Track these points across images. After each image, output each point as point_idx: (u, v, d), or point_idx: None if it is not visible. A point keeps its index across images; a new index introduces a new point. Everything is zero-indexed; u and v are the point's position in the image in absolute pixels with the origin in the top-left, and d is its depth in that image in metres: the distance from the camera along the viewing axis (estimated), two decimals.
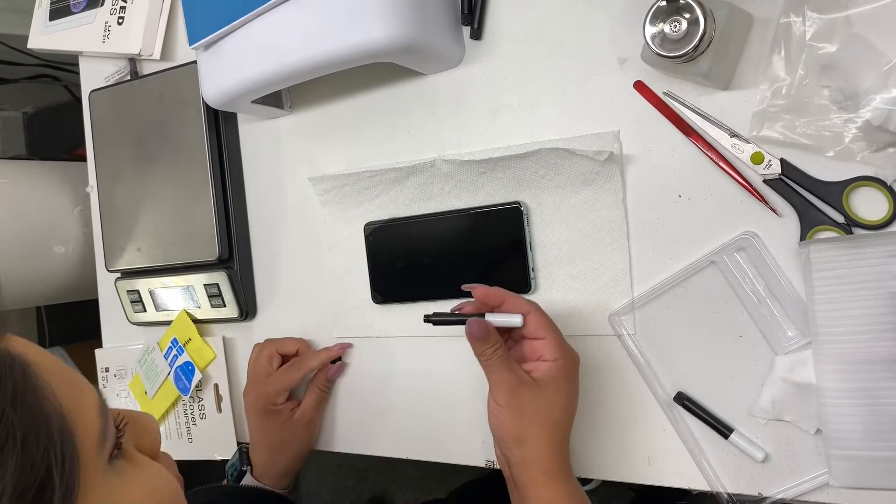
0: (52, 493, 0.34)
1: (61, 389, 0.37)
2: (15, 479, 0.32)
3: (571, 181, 0.69)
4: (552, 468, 0.59)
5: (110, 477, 0.40)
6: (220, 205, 0.87)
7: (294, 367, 0.83)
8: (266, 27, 0.70)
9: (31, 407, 0.35)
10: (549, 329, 0.61)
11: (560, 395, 0.60)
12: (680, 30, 0.55)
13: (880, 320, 0.56)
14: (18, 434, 0.33)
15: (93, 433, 0.38)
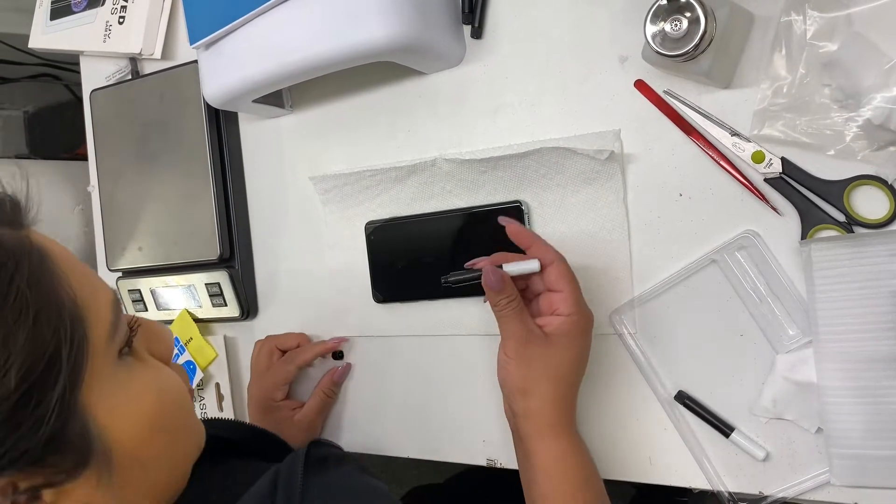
0: (59, 370, 0.37)
1: (77, 280, 0.41)
2: (25, 352, 0.36)
3: (572, 180, 0.69)
4: (556, 422, 0.59)
5: (119, 369, 0.43)
6: (221, 204, 0.87)
7: (288, 360, 0.83)
8: (267, 26, 0.70)
9: (46, 289, 0.38)
10: (569, 282, 0.60)
11: (569, 351, 0.59)
12: (681, 29, 0.55)
13: (881, 319, 0.56)
14: (31, 311, 0.36)
15: (104, 324, 0.42)
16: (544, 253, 0.60)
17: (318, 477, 0.55)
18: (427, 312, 0.78)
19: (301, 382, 0.88)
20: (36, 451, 0.37)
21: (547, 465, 0.59)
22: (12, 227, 0.41)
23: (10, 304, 0.36)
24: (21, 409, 0.36)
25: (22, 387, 0.35)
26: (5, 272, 0.37)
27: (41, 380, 0.36)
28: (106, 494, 0.41)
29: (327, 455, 0.59)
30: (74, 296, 0.40)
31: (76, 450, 0.39)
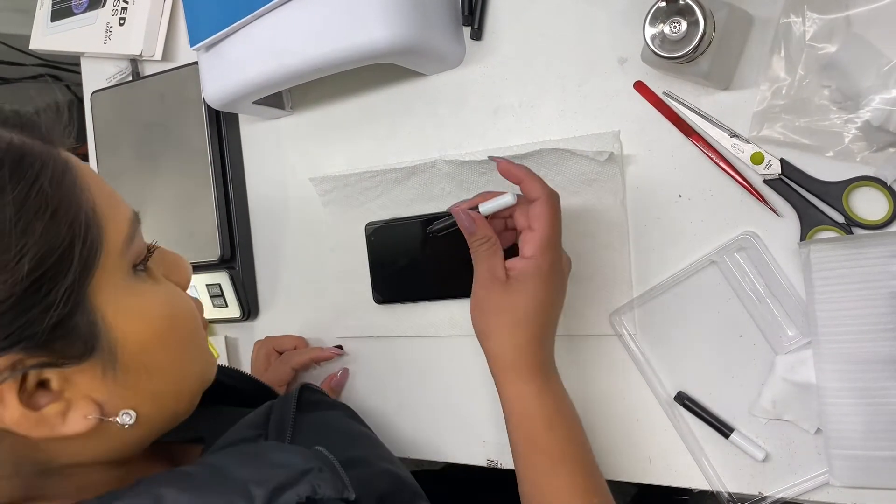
0: (70, 264, 0.40)
1: (99, 193, 0.44)
2: (40, 242, 0.39)
3: (572, 181, 0.69)
4: (516, 366, 0.58)
5: (133, 280, 0.46)
6: (221, 205, 0.87)
7: (283, 362, 0.84)
8: (267, 28, 0.70)
9: (67, 192, 0.42)
10: (544, 222, 0.57)
11: (526, 296, 0.58)
12: (680, 30, 0.55)
13: (880, 320, 0.56)
14: (51, 206, 0.40)
15: (120, 234, 0.45)
16: (532, 188, 0.58)
17: (310, 415, 0.57)
18: (427, 313, 0.78)
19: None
20: (44, 334, 0.39)
21: (510, 407, 0.59)
22: (44, 141, 0.44)
23: (33, 197, 0.39)
24: (32, 293, 0.39)
25: (35, 273, 0.39)
26: (32, 170, 0.40)
27: (52, 270, 0.39)
28: (111, 392, 0.44)
29: (319, 400, 0.62)
30: (94, 203, 0.43)
31: (82, 339, 0.42)
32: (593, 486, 0.58)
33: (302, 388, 0.61)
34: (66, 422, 0.42)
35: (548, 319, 0.59)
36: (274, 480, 0.42)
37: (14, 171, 0.40)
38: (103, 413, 0.44)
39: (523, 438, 0.58)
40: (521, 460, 0.59)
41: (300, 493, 0.42)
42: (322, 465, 0.45)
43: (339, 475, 0.45)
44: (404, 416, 0.81)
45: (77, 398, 0.43)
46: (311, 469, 0.44)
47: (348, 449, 0.54)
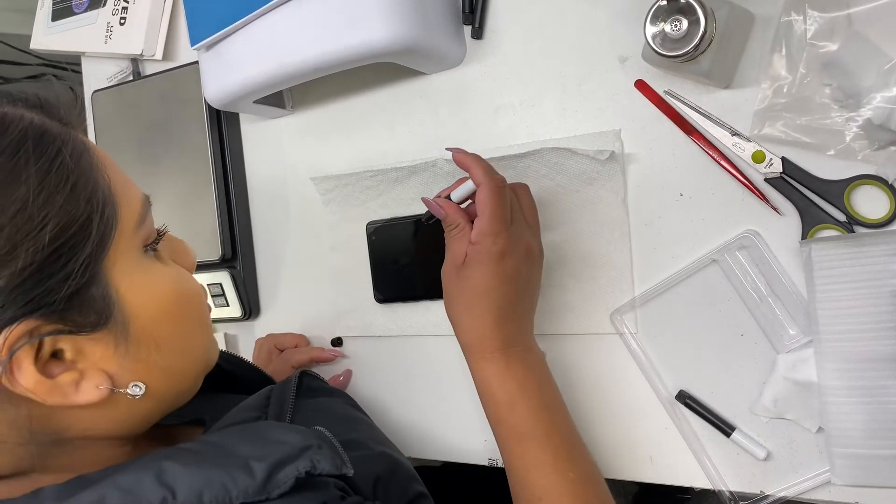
0: (88, 236, 0.42)
1: (114, 174, 0.46)
2: (62, 213, 0.41)
3: (573, 180, 0.69)
4: (477, 348, 0.60)
5: (144, 259, 0.48)
6: (222, 204, 0.87)
7: (284, 360, 0.84)
8: (267, 28, 0.70)
9: (86, 167, 0.44)
10: (486, 207, 0.59)
11: (474, 280, 0.59)
12: (681, 29, 0.55)
13: (882, 318, 0.56)
14: (71, 180, 0.42)
15: (133, 214, 0.47)
16: (475, 175, 0.60)
17: (309, 400, 0.59)
18: (428, 312, 0.78)
19: None
20: (61, 303, 0.41)
21: (478, 389, 0.61)
22: (62, 123, 0.46)
23: (55, 171, 0.41)
24: (52, 262, 0.40)
25: (55, 243, 0.40)
26: (52, 147, 0.42)
27: (72, 240, 0.41)
28: (122, 364, 0.46)
29: (318, 387, 0.63)
30: (109, 182, 0.45)
31: (97, 310, 0.43)
32: (566, 460, 0.58)
33: (302, 374, 0.63)
34: (78, 391, 0.44)
35: (504, 301, 0.60)
36: (274, 456, 0.43)
37: (37, 146, 0.42)
38: (114, 384, 0.45)
39: (491, 418, 0.61)
40: (496, 439, 0.61)
41: (299, 468, 0.43)
42: (321, 443, 0.46)
43: (337, 452, 0.46)
44: (405, 415, 0.81)
45: (90, 368, 0.44)
46: (311, 446, 0.45)
47: (346, 432, 0.55)
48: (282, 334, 0.88)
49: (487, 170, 0.60)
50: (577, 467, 0.58)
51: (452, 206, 0.61)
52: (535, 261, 0.62)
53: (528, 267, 0.61)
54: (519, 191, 0.64)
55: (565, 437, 0.60)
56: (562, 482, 0.57)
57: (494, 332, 0.60)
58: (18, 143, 0.41)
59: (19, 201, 0.40)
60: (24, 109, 0.44)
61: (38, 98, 0.47)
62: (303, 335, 0.87)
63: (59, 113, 0.46)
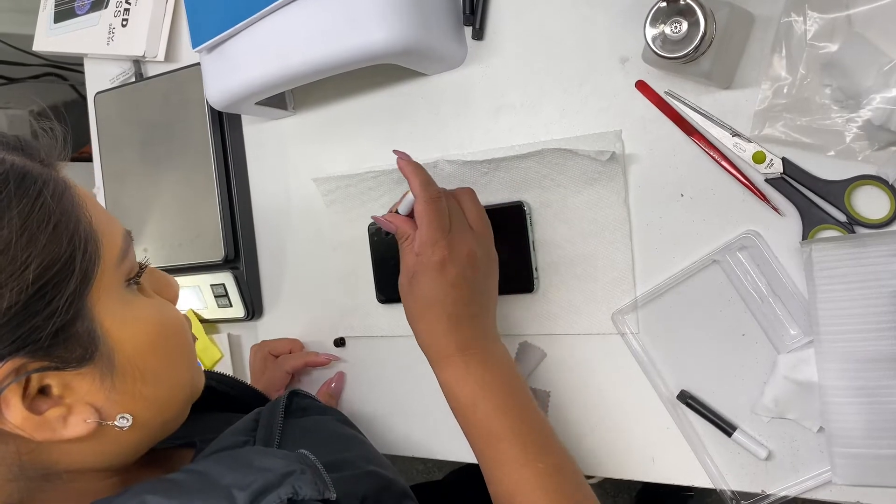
0: (72, 274, 0.43)
1: (95, 211, 0.47)
2: (44, 253, 0.42)
3: (574, 181, 0.69)
4: (435, 355, 0.62)
5: (127, 293, 0.49)
6: (225, 205, 0.88)
7: (278, 366, 0.85)
8: (268, 30, 0.70)
9: (67, 206, 0.45)
10: (423, 222, 0.62)
11: (420, 289, 0.62)
12: (680, 31, 0.55)
13: (882, 319, 0.56)
14: (53, 220, 0.43)
15: (115, 249, 0.48)
16: (412, 187, 0.63)
17: (299, 420, 0.60)
18: None
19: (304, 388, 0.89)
20: (46, 339, 0.42)
21: (444, 393, 0.63)
22: (43, 164, 0.47)
23: (36, 211, 0.42)
24: (36, 301, 0.41)
25: (39, 282, 0.41)
26: (34, 186, 0.43)
27: (55, 278, 0.42)
28: (109, 397, 0.46)
29: (309, 405, 0.64)
30: (91, 219, 0.46)
31: (82, 346, 0.44)
32: (535, 453, 0.59)
33: (291, 394, 0.63)
34: (67, 425, 0.44)
35: (453, 307, 0.62)
36: (256, 484, 0.44)
37: (18, 187, 0.42)
38: (102, 417, 0.46)
39: (460, 421, 0.62)
40: (468, 442, 0.62)
41: (281, 496, 0.43)
42: (304, 467, 0.46)
43: (320, 476, 0.46)
44: (407, 415, 0.82)
45: (77, 403, 0.45)
46: (294, 471, 0.45)
47: (334, 452, 0.56)
48: (275, 340, 0.88)
49: (424, 182, 0.63)
50: (546, 458, 0.59)
51: (400, 219, 0.64)
52: (478, 264, 0.63)
53: (473, 271, 0.62)
54: (462, 197, 0.66)
55: (533, 431, 0.60)
56: (532, 475, 0.57)
57: (448, 337, 0.62)
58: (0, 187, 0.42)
59: (2, 243, 0.40)
60: (4, 152, 0.45)
61: (19, 140, 0.47)
62: (297, 340, 0.88)
63: (40, 154, 0.47)
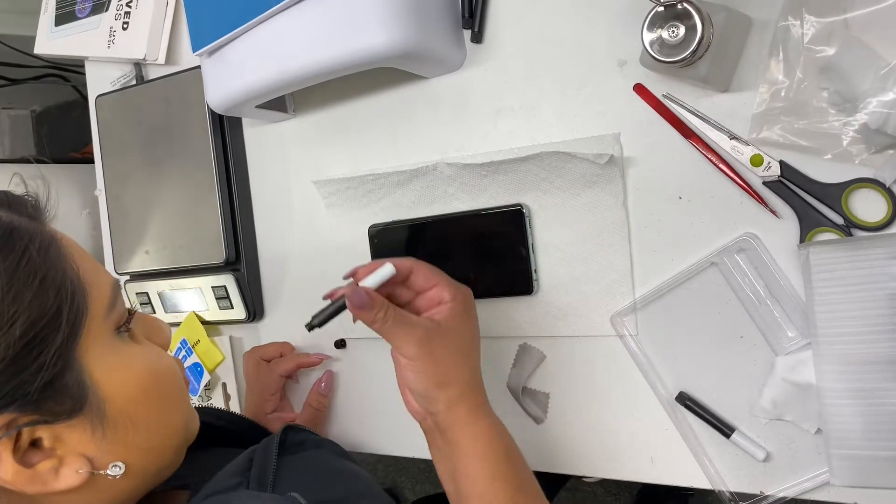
0: (59, 327, 0.43)
1: (83, 263, 0.47)
2: (31, 308, 0.42)
3: (573, 184, 0.69)
4: (477, 402, 0.61)
5: (117, 341, 0.49)
6: (226, 208, 0.88)
7: (269, 370, 0.85)
8: (268, 34, 0.70)
9: (54, 260, 0.45)
10: (438, 274, 0.62)
11: (465, 330, 0.61)
12: (678, 35, 0.56)
13: (879, 321, 0.56)
14: (39, 275, 0.43)
15: (103, 299, 0.48)
16: (401, 262, 0.61)
17: (293, 457, 0.59)
18: None
19: (300, 391, 0.90)
20: (35, 393, 0.42)
21: (476, 448, 0.58)
22: (30, 219, 0.47)
23: (23, 267, 0.42)
24: (24, 355, 0.41)
25: (26, 337, 0.41)
26: (21, 242, 0.43)
27: (43, 333, 0.42)
28: (100, 447, 0.46)
29: (304, 440, 0.62)
30: (78, 271, 0.46)
31: (72, 397, 0.44)
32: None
33: (285, 430, 0.62)
34: (58, 477, 0.45)
35: (479, 348, 0.63)
36: None
37: (4, 244, 0.43)
38: (94, 467, 0.46)
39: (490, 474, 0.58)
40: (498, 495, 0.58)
41: None
42: None
43: None
44: (409, 416, 0.82)
45: (68, 454, 0.45)
46: None
47: (328, 488, 0.56)
48: (266, 345, 0.88)
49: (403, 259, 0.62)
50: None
51: (375, 293, 0.58)
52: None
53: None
54: None
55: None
56: None
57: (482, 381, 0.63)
58: None
59: None
60: None
61: (6, 196, 0.48)
62: (287, 343, 0.88)
63: (27, 209, 0.48)
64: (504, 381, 0.75)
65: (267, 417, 0.84)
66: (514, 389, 0.74)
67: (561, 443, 0.73)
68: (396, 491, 1.94)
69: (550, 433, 0.73)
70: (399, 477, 1.96)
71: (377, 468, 1.99)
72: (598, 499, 1.68)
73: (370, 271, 0.60)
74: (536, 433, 0.74)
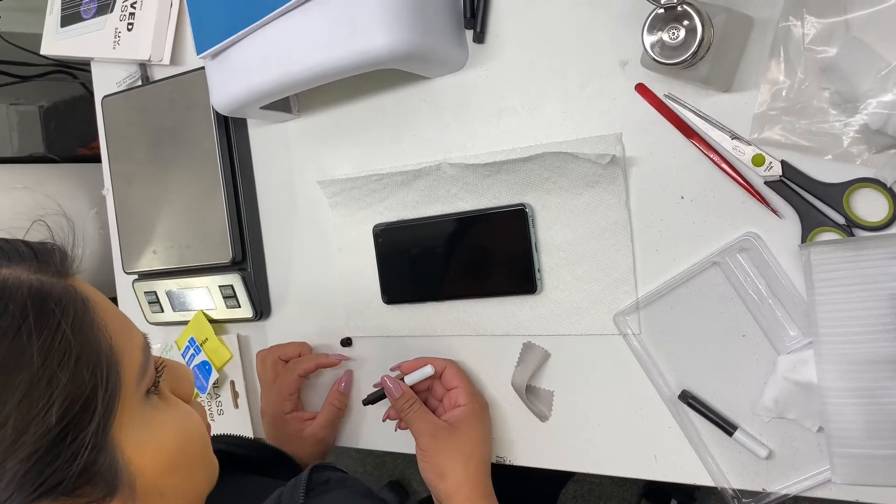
0: (94, 409, 0.40)
1: (113, 326, 0.44)
2: (66, 392, 0.39)
3: (575, 183, 0.69)
4: (474, 495, 0.68)
5: (146, 409, 0.46)
6: (232, 207, 0.89)
7: (290, 370, 0.85)
8: (271, 36, 0.71)
9: (87, 335, 0.41)
10: (462, 379, 0.74)
11: (471, 433, 0.71)
12: (678, 37, 0.56)
13: (880, 321, 0.56)
14: (74, 355, 0.40)
15: (135, 366, 0.45)
16: (437, 361, 0.75)
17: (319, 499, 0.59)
18: (435, 313, 0.80)
19: (312, 391, 0.90)
20: (70, 481, 0.39)
21: None
22: (59, 276, 0.44)
23: (56, 347, 0.39)
24: (59, 443, 0.39)
25: (61, 423, 0.38)
26: (53, 318, 0.40)
27: (78, 418, 0.39)
28: None
29: (329, 478, 0.62)
30: (111, 341, 0.43)
31: (105, 481, 0.41)
32: None
33: (312, 470, 0.62)
34: None
35: (488, 451, 0.72)
36: None
37: (37, 320, 0.39)
38: None
39: None
40: None
41: None
42: None
43: None
44: None
45: None
46: None
47: None
48: (284, 345, 0.88)
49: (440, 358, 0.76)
50: None
51: (406, 386, 0.74)
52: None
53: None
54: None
55: None
56: None
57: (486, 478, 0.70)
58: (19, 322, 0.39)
59: (24, 385, 0.38)
60: (19, 270, 0.42)
61: (31, 250, 0.44)
62: (305, 343, 0.89)
63: (55, 263, 0.45)
64: (508, 379, 0.75)
65: (285, 418, 0.85)
66: (518, 387, 0.74)
67: (565, 440, 0.73)
68: (404, 483, 1.96)
69: (555, 430, 0.74)
70: (407, 469, 1.97)
71: (385, 461, 2.00)
72: (605, 490, 1.69)
73: (412, 368, 0.75)
74: (541, 430, 0.74)
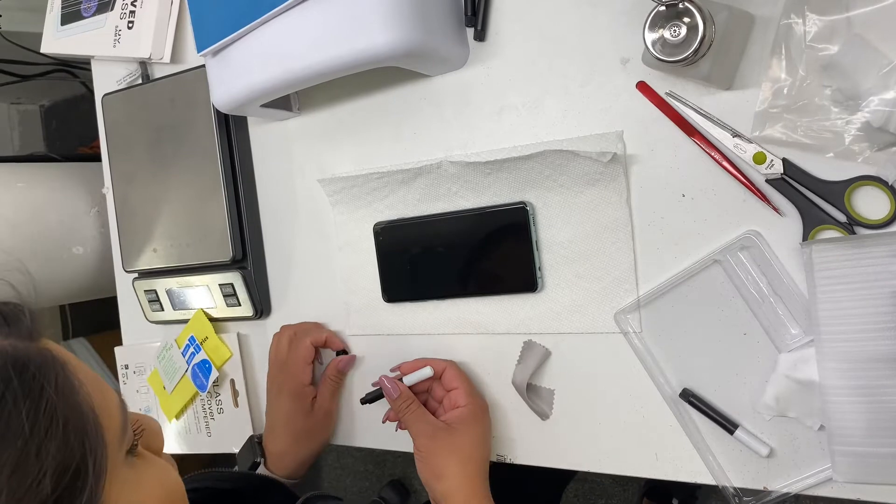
0: (86, 475, 0.39)
1: (91, 387, 0.42)
2: (56, 460, 0.37)
3: (576, 182, 0.69)
4: (472, 496, 0.68)
5: (128, 469, 0.45)
6: (232, 206, 0.89)
7: (299, 339, 0.85)
8: (272, 34, 0.71)
9: (71, 400, 0.40)
10: (462, 380, 0.73)
11: (469, 435, 0.70)
12: (679, 35, 0.56)
13: (882, 319, 0.56)
14: (60, 421, 0.38)
15: (116, 428, 0.44)
16: (437, 363, 0.75)
17: None
18: (435, 311, 0.80)
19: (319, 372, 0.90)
20: None
21: None
22: (31, 339, 0.43)
23: (42, 415, 0.38)
24: None
25: (54, 494, 0.37)
26: (35, 385, 0.39)
27: (70, 486, 0.38)
28: None
29: None
30: (92, 403, 0.42)
31: None
32: None
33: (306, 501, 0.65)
34: None
35: (486, 452, 0.72)
36: None
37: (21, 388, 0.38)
38: None
39: None
40: None
41: None
42: None
43: None
44: None
45: None
46: None
47: None
48: (299, 323, 0.88)
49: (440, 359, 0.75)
50: None
51: (405, 386, 0.74)
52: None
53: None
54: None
55: None
56: None
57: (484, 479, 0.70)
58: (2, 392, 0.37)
59: (14, 458, 0.36)
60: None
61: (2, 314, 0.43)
62: (319, 323, 0.89)
63: (27, 325, 0.43)
64: (509, 377, 0.75)
65: (303, 391, 0.84)
66: (519, 385, 0.74)
67: (566, 438, 0.73)
68: (405, 482, 1.96)
69: (556, 429, 0.74)
70: (408, 468, 1.97)
71: (386, 459, 2.00)
72: (606, 489, 1.69)
73: (412, 369, 0.75)
74: (542, 429, 0.74)
